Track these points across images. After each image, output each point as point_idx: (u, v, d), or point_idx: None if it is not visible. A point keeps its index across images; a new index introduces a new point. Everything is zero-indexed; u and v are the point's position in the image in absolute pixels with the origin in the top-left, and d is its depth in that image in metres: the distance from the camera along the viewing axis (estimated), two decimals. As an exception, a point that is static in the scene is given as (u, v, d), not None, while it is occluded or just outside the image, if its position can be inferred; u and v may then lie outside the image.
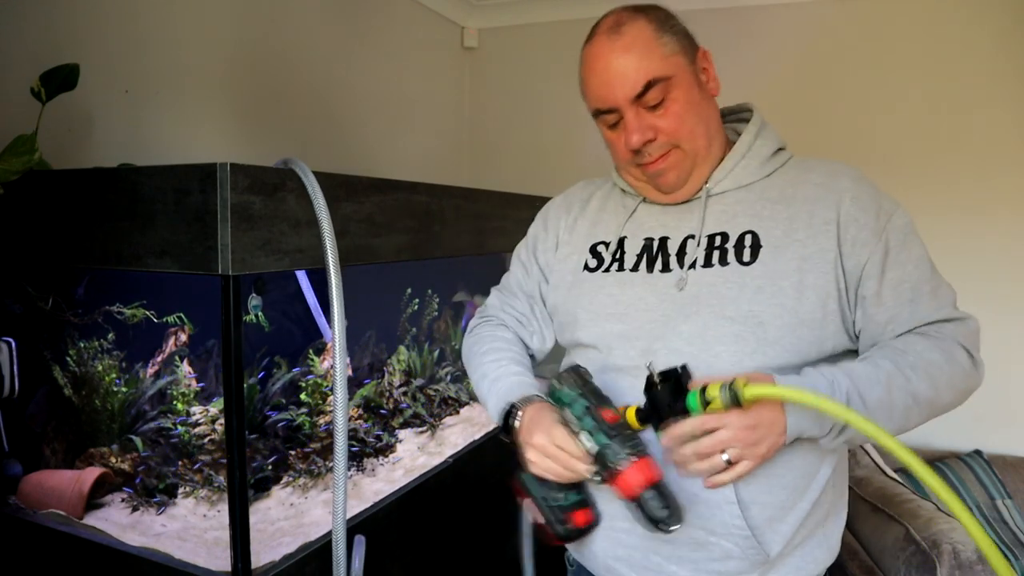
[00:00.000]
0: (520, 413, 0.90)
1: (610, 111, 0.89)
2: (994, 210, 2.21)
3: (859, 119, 2.33)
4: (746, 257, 0.89)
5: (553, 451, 0.83)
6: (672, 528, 0.78)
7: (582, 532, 0.88)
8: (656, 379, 0.78)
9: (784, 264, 0.87)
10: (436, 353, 1.97)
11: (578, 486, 0.88)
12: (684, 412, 0.77)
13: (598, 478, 0.81)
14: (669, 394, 0.78)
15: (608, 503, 0.93)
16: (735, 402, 0.74)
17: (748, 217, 0.91)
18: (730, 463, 0.77)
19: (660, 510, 0.78)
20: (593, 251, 1.01)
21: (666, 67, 0.86)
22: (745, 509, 0.87)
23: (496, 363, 1.02)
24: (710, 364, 0.87)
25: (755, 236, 0.89)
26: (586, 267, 1.00)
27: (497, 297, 1.15)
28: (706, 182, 0.93)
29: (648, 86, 0.85)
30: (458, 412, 1.85)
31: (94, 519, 1.16)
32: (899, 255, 0.87)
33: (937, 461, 2.15)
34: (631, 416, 0.83)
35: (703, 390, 0.76)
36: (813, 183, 0.91)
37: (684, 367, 0.79)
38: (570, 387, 0.84)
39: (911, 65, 2.27)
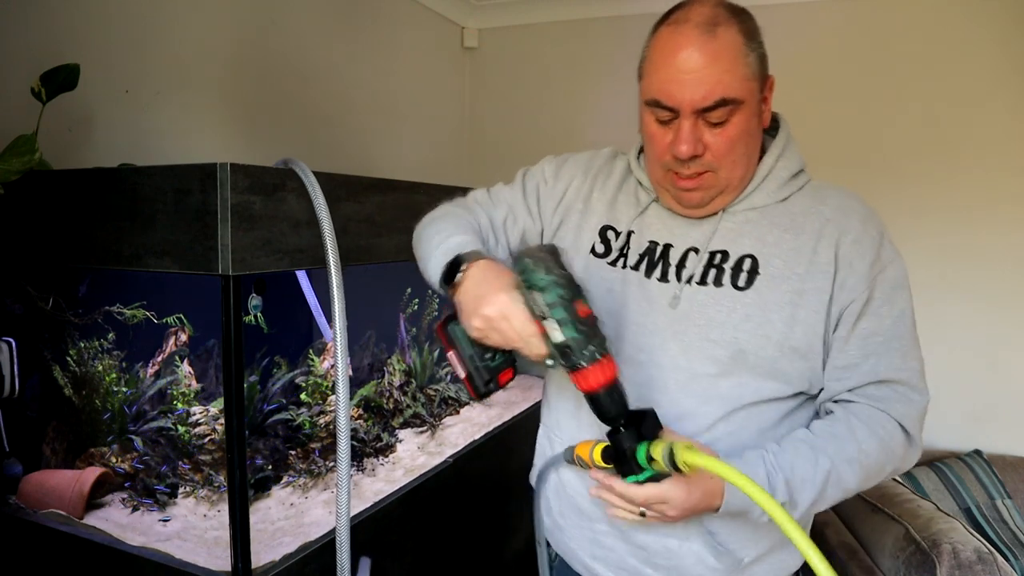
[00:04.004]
0: (465, 266, 0.83)
1: (668, 108, 0.83)
2: (994, 210, 2.21)
3: (859, 118, 2.33)
4: (741, 282, 0.88)
5: (505, 327, 0.78)
6: (621, 423, 0.78)
7: (501, 389, 0.88)
8: (620, 425, 0.78)
9: (778, 296, 0.86)
10: (436, 353, 1.97)
11: (491, 365, 0.87)
12: (634, 461, 0.78)
13: (551, 363, 0.78)
14: (629, 441, 0.78)
15: (590, 505, 0.96)
16: (673, 465, 0.75)
17: (752, 240, 0.89)
18: (643, 515, 0.81)
19: (611, 407, 0.78)
20: (603, 234, 0.99)
21: (742, 90, 0.81)
22: (715, 519, 0.88)
23: (455, 228, 0.94)
24: (688, 384, 0.88)
25: (755, 261, 0.88)
26: (593, 251, 0.99)
27: (480, 196, 1.10)
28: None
29: (719, 103, 0.80)
30: (458, 412, 1.85)
31: (94, 519, 1.16)
32: (880, 307, 0.86)
33: (937, 461, 2.15)
34: (598, 455, 0.83)
35: (650, 446, 0.76)
36: (823, 217, 0.88)
37: (651, 412, 0.79)
38: (546, 271, 0.77)
39: (912, 65, 2.27)
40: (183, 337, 1.39)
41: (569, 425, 0.99)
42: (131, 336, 1.31)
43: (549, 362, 0.78)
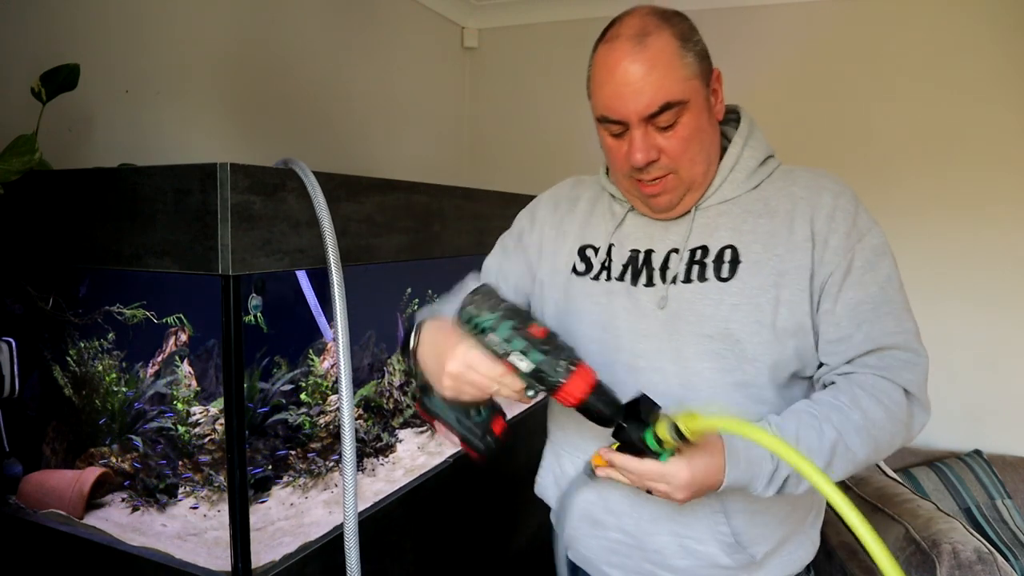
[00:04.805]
0: (415, 332, 0.86)
1: (617, 122, 0.86)
2: (994, 209, 2.21)
3: (859, 118, 2.33)
4: (724, 273, 0.88)
5: (473, 377, 0.78)
6: (620, 420, 0.78)
7: (500, 442, 0.87)
8: (621, 422, 0.78)
9: (762, 280, 0.86)
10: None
11: (488, 399, 0.86)
12: (647, 450, 0.78)
13: (531, 392, 0.78)
14: (635, 431, 0.78)
15: (602, 513, 0.96)
16: (681, 438, 0.74)
17: (729, 231, 0.90)
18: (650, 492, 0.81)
19: (605, 408, 0.78)
20: (582, 254, 1.00)
21: (684, 91, 0.83)
22: (730, 517, 0.89)
23: (425, 312, 0.97)
24: (691, 382, 0.88)
25: (735, 251, 0.89)
26: (575, 270, 1.00)
27: (472, 277, 1.14)
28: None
29: (663, 108, 0.83)
30: (458, 412, 1.85)
31: (94, 519, 1.16)
32: (863, 275, 0.86)
33: (937, 461, 2.15)
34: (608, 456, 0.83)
35: (655, 428, 0.76)
36: (795, 196, 0.89)
37: (643, 396, 0.79)
38: (490, 310, 0.77)
39: (911, 64, 2.27)
40: (183, 337, 1.39)
41: (576, 440, 0.99)
42: (131, 336, 1.31)
43: (530, 393, 0.78)
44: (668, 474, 0.77)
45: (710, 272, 0.89)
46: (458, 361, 0.78)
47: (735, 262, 0.88)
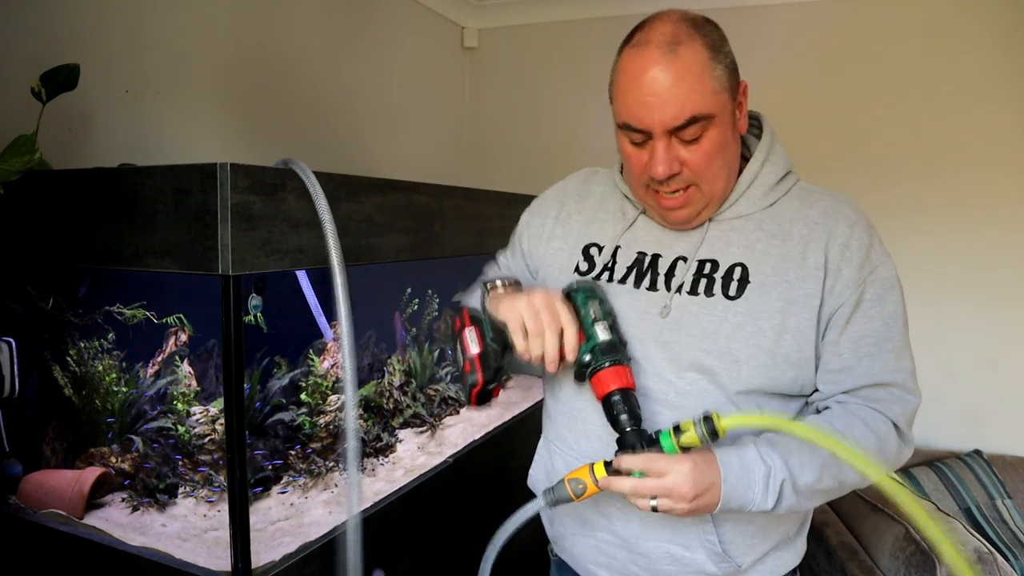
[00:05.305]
0: (501, 282, 0.91)
1: (640, 131, 0.83)
2: (994, 209, 2.21)
3: (859, 118, 2.33)
4: (732, 291, 0.87)
5: (549, 311, 0.83)
6: (628, 430, 0.81)
7: (492, 397, 0.90)
8: (628, 428, 0.82)
9: (769, 304, 0.86)
10: (436, 353, 1.97)
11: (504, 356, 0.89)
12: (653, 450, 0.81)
13: (588, 357, 0.84)
14: (643, 436, 0.81)
15: (592, 514, 0.96)
16: (712, 435, 0.77)
17: (741, 248, 0.89)
18: (655, 509, 0.80)
19: (621, 414, 0.82)
20: (585, 252, 0.99)
21: (712, 104, 0.81)
22: (719, 525, 0.89)
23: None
24: (685, 390, 0.88)
25: (744, 270, 0.88)
26: (577, 269, 0.99)
27: (488, 268, 1.16)
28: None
29: (689, 122, 0.80)
30: (458, 412, 1.85)
31: (94, 519, 1.16)
32: (870, 309, 0.86)
33: (937, 461, 2.15)
34: (599, 469, 0.82)
35: (676, 427, 0.79)
36: (812, 221, 0.88)
37: (659, 433, 0.81)
38: (599, 291, 0.89)
39: (911, 64, 2.27)
40: (183, 337, 1.39)
41: (567, 437, 0.99)
42: (131, 336, 1.31)
43: (587, 357, 0.84)
44: (672, 461, 0.78)
45: (717, 288, 0.88)
46: (543, 296, 0.84)
47: (744, 281, 0.87)
